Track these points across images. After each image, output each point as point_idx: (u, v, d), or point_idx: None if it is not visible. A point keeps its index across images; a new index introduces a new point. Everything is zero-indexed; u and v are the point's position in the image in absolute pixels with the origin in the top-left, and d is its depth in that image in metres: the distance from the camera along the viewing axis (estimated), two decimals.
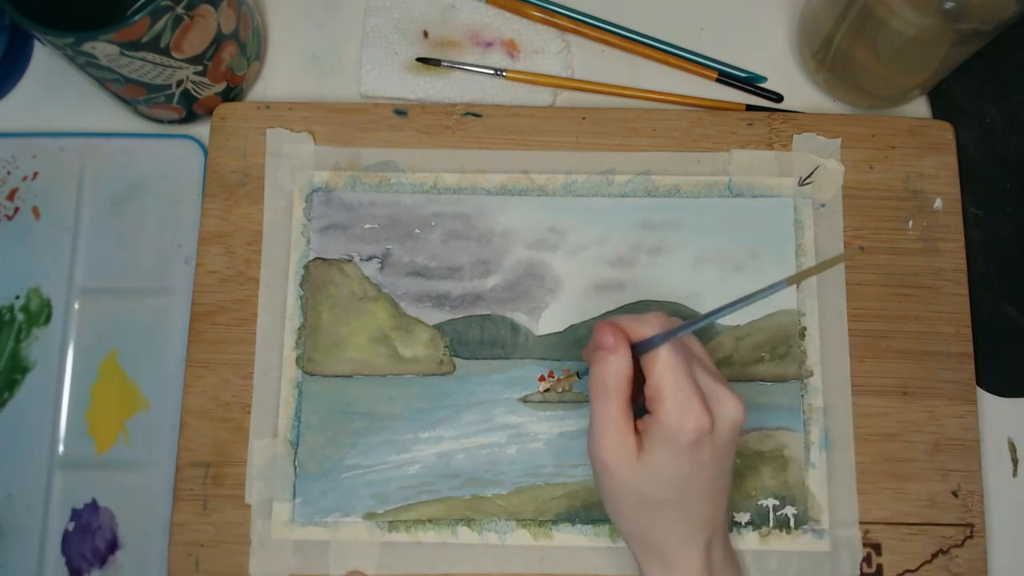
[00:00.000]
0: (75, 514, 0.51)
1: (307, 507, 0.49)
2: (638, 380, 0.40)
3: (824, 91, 0.57)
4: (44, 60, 0.58)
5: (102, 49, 0.45)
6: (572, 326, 0.52)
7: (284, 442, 0.50)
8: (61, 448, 0.52)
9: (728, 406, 0.39)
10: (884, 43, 0.49)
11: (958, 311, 0.52)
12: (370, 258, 0.53)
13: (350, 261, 0.53)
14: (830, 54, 0.53)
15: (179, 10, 0.45)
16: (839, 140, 0.54)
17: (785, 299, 0.52)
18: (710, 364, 0.42)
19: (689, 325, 0.38)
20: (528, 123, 0.54)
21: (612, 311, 0.52)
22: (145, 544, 0.50)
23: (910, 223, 0.53)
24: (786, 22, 0.58)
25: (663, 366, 0.38)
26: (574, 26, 0.57)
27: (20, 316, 0.53)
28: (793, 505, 0.49)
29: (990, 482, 0.51)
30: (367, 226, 0.53)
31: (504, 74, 0.56)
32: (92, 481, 0.51)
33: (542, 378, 0.51)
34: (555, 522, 0.49)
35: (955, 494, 0.50)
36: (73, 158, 0.55)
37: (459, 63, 0.56)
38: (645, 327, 0.40)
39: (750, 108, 0.56)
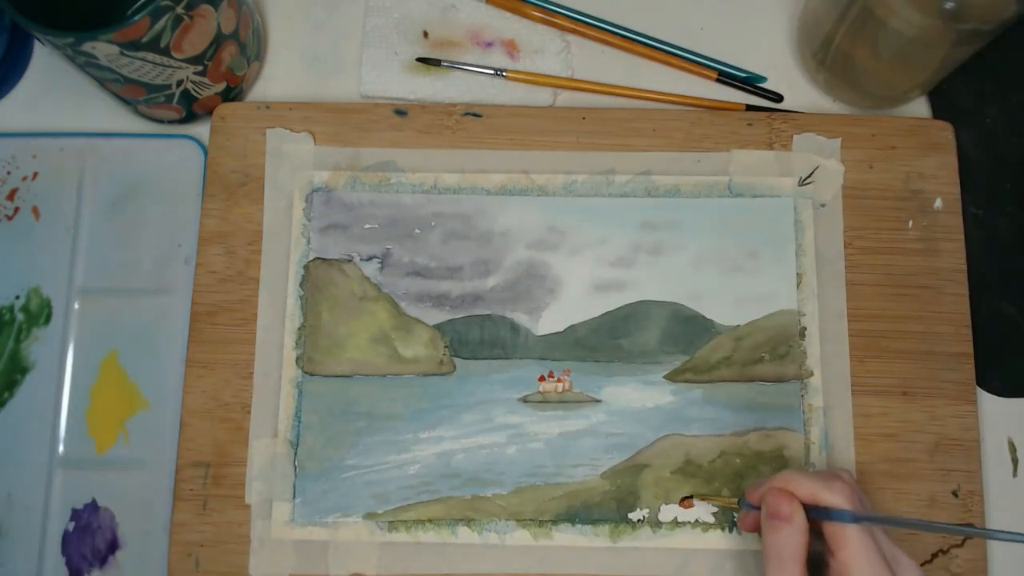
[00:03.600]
0: (75, 514, 0.51)
1: (307, 507, 0.49)
2: (813, 532, 0.40)
3: (824, 91, 0.57)
4: (44, 60, 0.58)
5: (102, 49, 0.45)
6: (572, 326, 0.52)
7: (284, 442, 0.50)
8: (61, 448, 0.52)
9: (910, 573, 0.39)
10: (884, 43, 0.49)
11: (958, 311, 0.52)
12: (370, 258, 0.53)
13: (350, 261, 0.53)
14: (830, 54, 0.53)
15: (179, 10, 0.45)
16: (839, 140, 0.54)
17: (785, 299, 0.52)
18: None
19: (888, 520, 0.38)
20: (528, 123, 0.54)
21: (612, 311, 0.52)
22: (145, 544, 0.50)
23: (910, 223, 0.53)
24: (786, 22, 0.58)
25: (856, 548, 0.38)
26: (574, 26, 0.57)
27: (20, 316, 0.53)
28: None
29: (990, 482, 0.51)
30: (367, 226, 0.53)
31: (504, 74, 0.56)
32: (92, 481, 0.51)
33: (542, 378, 0.51)
34: (555, 522, 0.49)
35: (955, 494, 0.50)
36: (73, 158, 0.55)
37: (459, 63, 0.56)
38: (828, 494, 0.39)
39: (750, 108, 0.56)
